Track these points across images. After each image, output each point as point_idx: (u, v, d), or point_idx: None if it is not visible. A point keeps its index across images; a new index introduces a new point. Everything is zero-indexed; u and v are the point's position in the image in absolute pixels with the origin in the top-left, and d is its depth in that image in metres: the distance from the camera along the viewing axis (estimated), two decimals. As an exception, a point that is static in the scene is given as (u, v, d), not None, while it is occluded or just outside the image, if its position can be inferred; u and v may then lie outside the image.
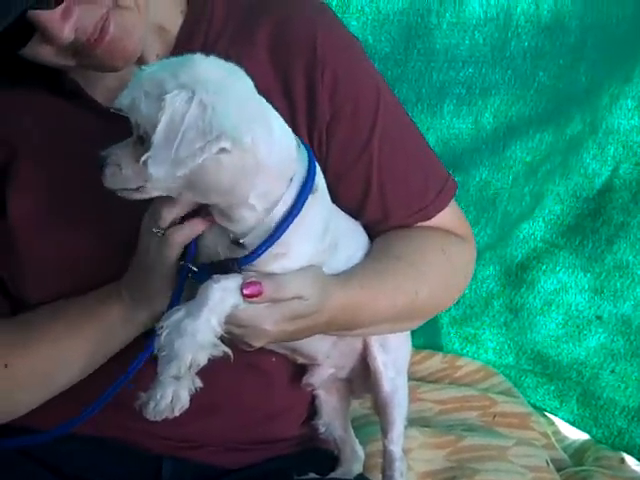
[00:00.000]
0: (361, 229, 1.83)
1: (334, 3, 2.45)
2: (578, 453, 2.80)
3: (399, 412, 1.86)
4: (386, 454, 1.88)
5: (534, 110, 2.65)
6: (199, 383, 1.54)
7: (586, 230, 2.83)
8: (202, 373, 1.55)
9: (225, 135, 1.43)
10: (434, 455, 2.37)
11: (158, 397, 1.52)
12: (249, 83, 1.54)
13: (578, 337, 2.87)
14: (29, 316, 1.76)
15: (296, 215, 1.53)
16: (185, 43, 1.76)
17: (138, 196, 1.53)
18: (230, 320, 1.54)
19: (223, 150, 1.44)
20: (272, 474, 1.84)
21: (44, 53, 1.62)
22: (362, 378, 1.88)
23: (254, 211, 1.53)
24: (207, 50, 1.72)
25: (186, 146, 1.42)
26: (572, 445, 2.86)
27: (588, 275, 2.84)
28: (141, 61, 1.74)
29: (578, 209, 2.83)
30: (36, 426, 1.77)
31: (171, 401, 1.52)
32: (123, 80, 1.75)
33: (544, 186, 2.80)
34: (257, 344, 1.64)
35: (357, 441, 1.99)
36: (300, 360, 1.84)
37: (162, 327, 1.52)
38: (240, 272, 1.55)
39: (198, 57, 1.52)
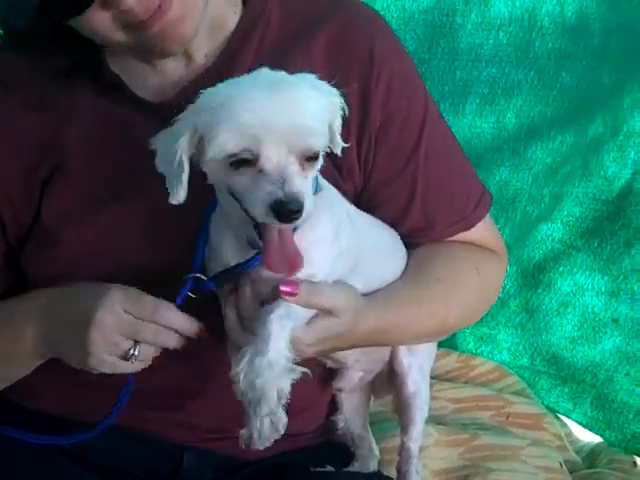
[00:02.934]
0: (399, 243, 1.84)
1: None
2: (591, 455, 2.79)
3: (420, 412, 1.88)
4: (403, 451, 1.89)
5: (556, 111, 2.66)
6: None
7: (604, 233, 2.83)
8: (227, 367, 1.56)
9: None
10: (448, 453, 2.38)
11: (258, 426, 1.54)
12: None
13: (593, 339, 2.87)
14: None
15: None
16: (239, 43, 1.76)
17: None
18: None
19: None
20: (289, 466, 1.86)
21: (98, 21, 1.60)
22: (386, 379, 1.90)
23: None
24: (260, 54, 1.74)
25: None
26: (585, 447, 2.85)
27: (605, 278, 2.84)
28: (188, 56, 1.75)
29: (597, 211, 2.83)
30: (61, 415, 1.81)
31: (271, 424, 1.54)
32: (166, 77, 1.77)
33: (564, 188, 2.80)
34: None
35: (374, 441, 2.01)
36: (329, 364, 1.86)
37: (236, 374, 1.51)
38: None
39: None
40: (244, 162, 1.44)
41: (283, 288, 1.52)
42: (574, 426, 2.93)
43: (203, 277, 1.60)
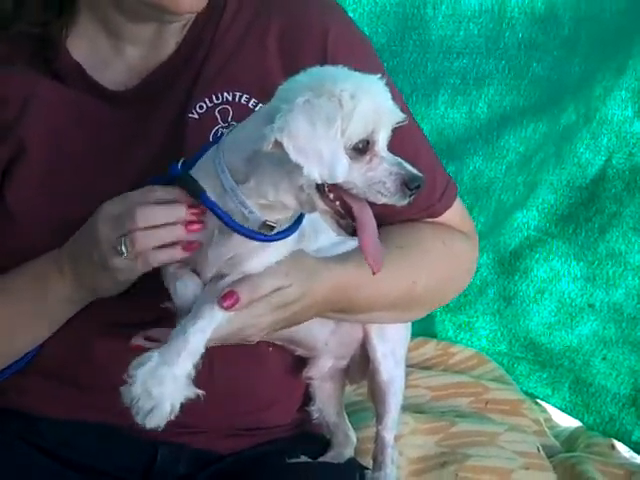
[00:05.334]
0: None
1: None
2: (570, 440, 2.82)
3: (395, 401, 1.87)
4: (378, 440, 1.89)
5: (528, 100, 2.67)
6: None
7: (579, 219, 2.85)
8: (200, 364, 1.58)
9: None
10: (426, 441, 2.39)
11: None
12: None
13: (570, 325, 2.90)
14: None
15: None
16: (196, 33, 1.78)
17: None
18: (216, 337, 1.57)
19: None
20: (265, 457, 1.86)
21: None
22: (360, 366, 1.89)
23: None
24: (217, 40, 1.75)
25: None
26: (564, 432, 2.88)
27: (581, 263, 2.86)
28: (161, 42, 1.77)
29: (571, 198, 2.85)
30: (36, 411, 1.81)
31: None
32: (131, 64, 1.78)
33: (538, 176, 2.82)
34: (256, 338, 1.67)
35: (350, 426, 2.01)
36: (299, 351, 1.86)
37: (133, 375, 1.50)
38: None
39: None
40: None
41: (225, 304, 1.53)
42: (553, 411, 2.96)
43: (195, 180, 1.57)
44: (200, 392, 1.53)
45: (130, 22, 1.75)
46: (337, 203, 1.51)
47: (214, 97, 1.76)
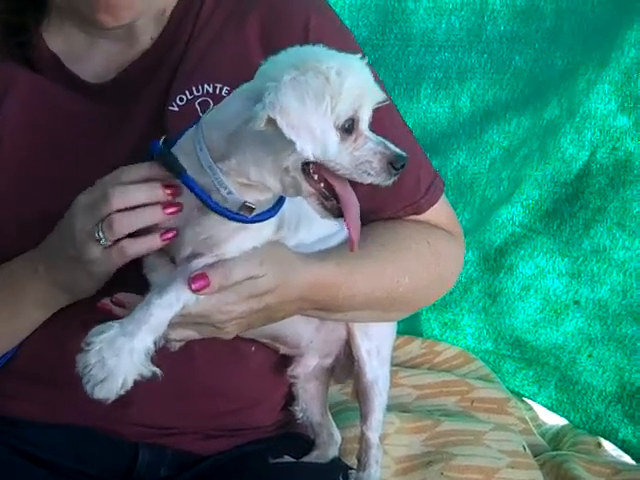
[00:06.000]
0: None
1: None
2: (556, 438, 2.82)
3: (379, 400, 1.86)
4: (363, 441, 1.88)
5: (511, 94, 2.67)
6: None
7: (564, 215, 2.84)
8: (180, 361, 1.55)
9: None
10: (411, 440, 2.38)
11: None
12: None
13: (556, 322, 2.89)
14: None
15: None
16: (175, 25, 1.77)
17: None
18: (185, 319, 1.54)
19: None
20: (248, 457, 1.84)
21: None
22: (345, 365, 1.88)
23: None
24: (196, 32, 1.74)
25: None
26: (550, 430, 2.87)
27: (565, 260, 2.85)
28: (133, 39, 1.75)
29: (556, 194, 2.84)
30: (15, 414, 1.79)
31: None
32: (109, 58, 1.77)
33: (522, 171, 2.81)
34: (230, 330, 1.63)
35: (334, 425, 2.00)
36: (283, 350, 1.84)
37: (91, 343, 1.47)
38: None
39: None
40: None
41: (195, 286, 1.50)
42: (539, 409, 2.95)
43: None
44: (156, 370, 1.50)
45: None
46: (321, 185, 1.48)
47: (194, 89, 1.74)
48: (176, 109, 1.73)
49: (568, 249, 2.84)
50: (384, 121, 1.56)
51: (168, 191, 1.54)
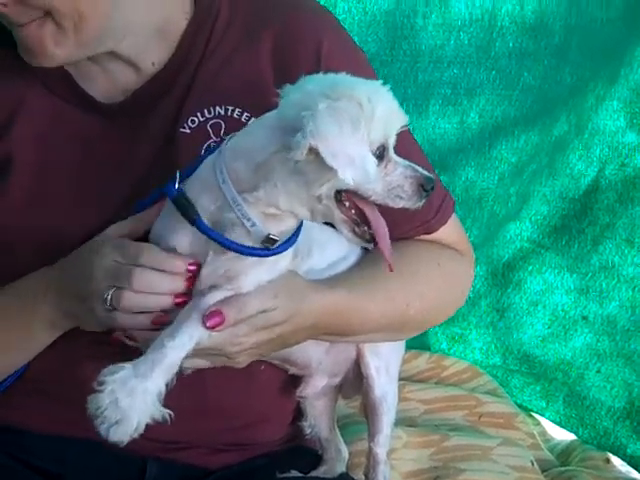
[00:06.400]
0: None
1: (321, 3, 2.46)
2: (564, 453, 2.81)
3: (387, 417, 1.85)
4: (371, 456, 1.87)
5: (519, 110, 2.67)
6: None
7: (572, 231, 2.85)
8: (189, 378, 1.54)
9: None
10: (418, 455, 2.38)
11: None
12: None
13: (564, 337, 2.89)
14: None
15: None
16: (187, 47, 1.76)
17: None
18: (197, 352, 1.54)
19: None
20: (256, 472, 1.84)
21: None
22: (354, 382, 1.87)
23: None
24: (207, 55, 1.74)
25: None
26: (558, 445, 2.87)
27: (574, 275, 2.86)
28: (135, 67, 1.75)
29: (564, 210, 2.85)
30: (24, 427, 1.79)
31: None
32: (115, 81, 1.76)
33: (530, 186, 2.81)
34: (241, 359, 1.64)
35: (342, 441, 2.00)
36: (292, 370, 1.84)
37: (103, 383, 1.46)
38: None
39: None
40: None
41: (209, 323, 1.50)
42: (548, 424, 2.95)
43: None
44: (168, 412, 1.49)
45: None
46: (353, 211, 1.49)
47: (206, 111, 1.73)
48: (188, 131, 1.73)
49: (577, 265, 2.85)
50: (403, 142, 1.56)
51: (188, 275, 1.54)
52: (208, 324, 1.50)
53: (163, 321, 1.55)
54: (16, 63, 1.74)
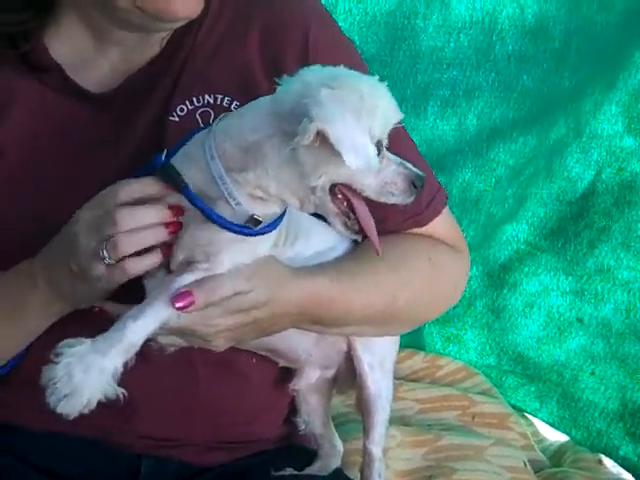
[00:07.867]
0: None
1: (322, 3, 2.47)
2: (557, 454, 2.81)
3: (382, 414, 1.85)
4: (366, 454, 1.87)
5: (518, 113, 2.68)
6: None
7: (568, 233, 2.85)
8: (182, 375, 1.54)
9: None
10: (412, 454, 2.38)
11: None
12: None
13: (559, 339, 2.89)
14: None
15: None
16: (180, 34, 1.77)
17: None
18: (169, 332, 1.54)
19: None
20: (250, 469, 1.84)
21: None
22: (347, 376, 1.87)
23: None
24: (197, 43, 1.75)
25: None
26: (551, 446, 2.87)
27: (570, 278, 2.86)
28: (147, 46, 1.76)
29: (561, 212, 2.85)
30: (19, 423, 1.79)
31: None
32: (113, 66, 1.77)
33: (527, 189, 2.82)
34: (218, 343, 1.63)
35: (337, 436, 1.99)
36: (282, 362, 1.84)
37: (59, 355, 1.45)
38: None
39: None
40: None
41: (178, 305, 1.49)
42: (541, 425, 2.95)
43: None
44: (122, 391, 1.47)
45: (117, 28, 1.74)
46: (345, 204, 1.51)
47: (195, 100, 1.75)
48: (176, 119, 1.74)
49: (572, 267, 2.85)
50: (397, 138, 1.56)
51: (174, 211, 1.53)
52: (177, 305, 1.49)
53: (168, 254, 1.54)
54: (6, 54, 1.75)
